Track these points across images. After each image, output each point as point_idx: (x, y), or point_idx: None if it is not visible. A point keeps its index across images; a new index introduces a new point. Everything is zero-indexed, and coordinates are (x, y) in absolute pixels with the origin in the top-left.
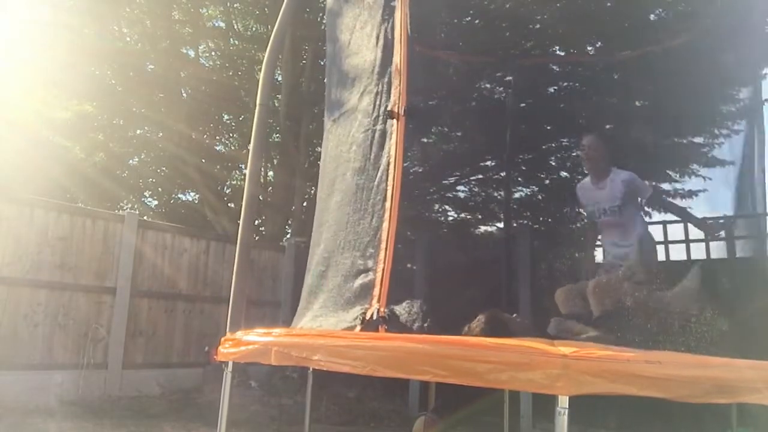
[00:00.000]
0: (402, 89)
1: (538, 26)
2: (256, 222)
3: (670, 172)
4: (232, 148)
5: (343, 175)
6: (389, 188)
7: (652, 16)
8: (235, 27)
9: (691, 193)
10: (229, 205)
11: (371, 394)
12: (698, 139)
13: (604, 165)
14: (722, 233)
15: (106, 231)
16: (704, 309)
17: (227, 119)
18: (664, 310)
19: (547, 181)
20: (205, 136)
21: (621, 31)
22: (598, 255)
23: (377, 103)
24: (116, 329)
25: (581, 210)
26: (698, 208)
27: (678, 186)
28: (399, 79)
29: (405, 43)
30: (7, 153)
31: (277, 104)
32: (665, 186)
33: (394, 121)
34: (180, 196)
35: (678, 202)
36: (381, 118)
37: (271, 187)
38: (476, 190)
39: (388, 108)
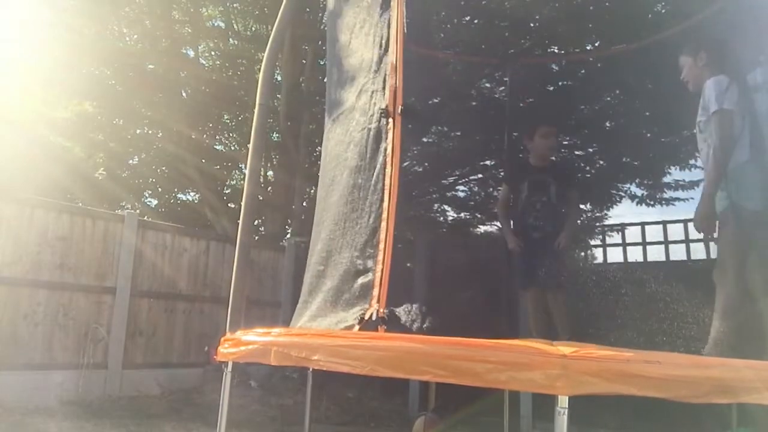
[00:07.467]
0: (398, 87)
1: (537, 25)
2: (256, 222)
3: (672, 168)
4: (232, 148)
5: (341, 174)
6: (386, 187)
7: (650, 15)
8: (235, 27)
9: (692, 184)
10: (229, 205)
11: (371, 394)
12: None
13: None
14: None
15: (106, 231)
16: None
17: (227, 119)
18: None
19: None
20: (205, 136)
21: (620, 30)
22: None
23: (374, 101)
24: (116, 329)
25: None
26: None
27: (679, 179)
28: (395, 77)
29: (401, 41)
30: (7, 153)
31: (276, 104)
32: (666, 179)
33: (390, 119)
34: (180, 196)
35: (680, 194)
36: (377, 116)
37: (270, 187)
38: (476, 189)
39: (384, 106)
